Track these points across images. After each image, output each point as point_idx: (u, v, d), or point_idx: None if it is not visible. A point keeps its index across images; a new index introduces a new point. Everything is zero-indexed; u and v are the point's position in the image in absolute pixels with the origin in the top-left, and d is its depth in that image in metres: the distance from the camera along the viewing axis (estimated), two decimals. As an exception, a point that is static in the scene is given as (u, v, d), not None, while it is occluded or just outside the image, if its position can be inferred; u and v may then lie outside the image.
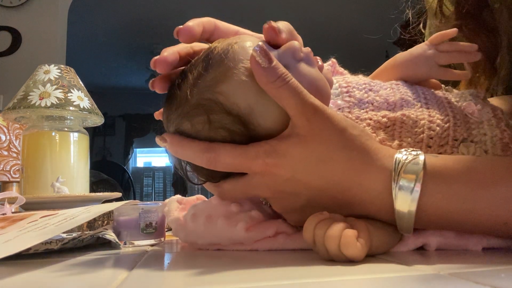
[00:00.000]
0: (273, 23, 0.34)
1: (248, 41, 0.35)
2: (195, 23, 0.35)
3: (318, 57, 0.37)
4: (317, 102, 0.32)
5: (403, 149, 0.33)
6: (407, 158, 0.32)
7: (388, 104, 0.38)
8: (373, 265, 0.29)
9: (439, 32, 0.46)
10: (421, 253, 0.34)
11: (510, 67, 0.54)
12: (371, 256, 0.32)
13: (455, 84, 0.60)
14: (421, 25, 0.63)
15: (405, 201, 0.31)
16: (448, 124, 0.36)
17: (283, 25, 0.35)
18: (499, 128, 0.36)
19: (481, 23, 0.53)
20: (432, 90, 0.43)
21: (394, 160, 0.32)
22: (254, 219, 0.37)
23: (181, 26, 0.35)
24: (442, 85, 0.46)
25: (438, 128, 0.36)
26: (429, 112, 0.38)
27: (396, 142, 0.36)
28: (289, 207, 0.35)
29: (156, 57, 0.34)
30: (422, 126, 0.36)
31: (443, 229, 0.34)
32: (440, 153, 0.36)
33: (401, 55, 0.47)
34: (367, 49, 4.07)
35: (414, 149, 0.33)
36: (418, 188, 0.31)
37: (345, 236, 0.29)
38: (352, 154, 0.32)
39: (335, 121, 0.32)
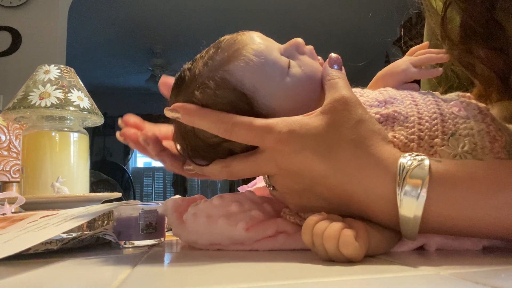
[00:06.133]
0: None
1: (255, 33, 0.39)
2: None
3: (319, 57, 0.41)
4: (351, 94, 0.35)
5: (407, 154, 0.33)
6: (412, 163, 0.31)
7: (379, 102, 0.39)
8: (372, 265, 0.29)
9: (414, 47, 0.53)
10: (421, 253, 0.34)
11: None
12: (370, 257, 0.32)
13: None
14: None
15: (410, 207, 0.31)
16: (436, 120, 0.37)
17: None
18: (485, 123, 0.37)
19: (490, 43, 0.52)
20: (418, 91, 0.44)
21: (398, 164, 0.32)
22: (254, 219, 0.37)
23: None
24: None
25: (427, 123, 0.37)
26: (418, 108, 0.38)
27: (391, 133, 0.36)
28: (292, 187, 0.36)
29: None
30: (412, 122, 0.37)
31: (444, 234, 0.34)
32: (431, 146, 0.36)
33: (382, 71, 0.52)
34: (367, 49, 4.07)
35: (418, 153, 0.33)
36: (424, 193, 0.30)
37: (343, 236, 0.29)
38: (360, 149, 0.33)
39: (358, 111, 0.34)
